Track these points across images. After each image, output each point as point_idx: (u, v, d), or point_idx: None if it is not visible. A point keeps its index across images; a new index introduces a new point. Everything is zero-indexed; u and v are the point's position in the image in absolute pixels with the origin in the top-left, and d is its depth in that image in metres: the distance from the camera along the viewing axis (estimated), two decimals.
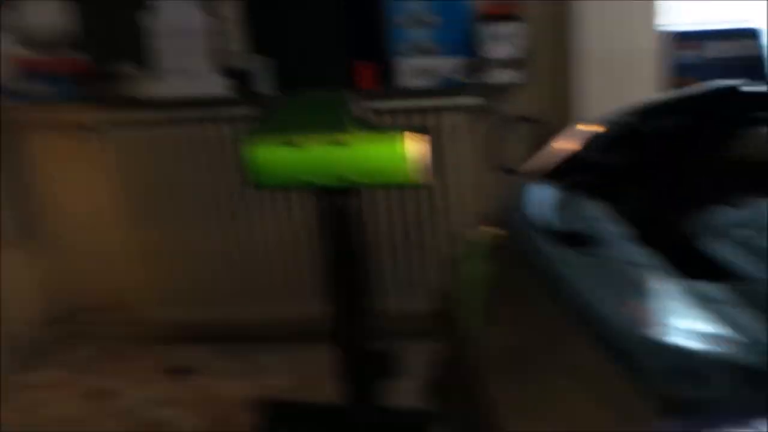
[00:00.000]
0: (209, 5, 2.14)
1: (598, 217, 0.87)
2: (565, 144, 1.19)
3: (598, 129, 1.15)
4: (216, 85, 2.16)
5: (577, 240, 0.82)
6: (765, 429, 0.53)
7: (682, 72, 2.20)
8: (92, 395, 2.21)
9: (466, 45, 2.12)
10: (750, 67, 2.27)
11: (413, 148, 1.38)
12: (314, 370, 2.21)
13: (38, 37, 2.24)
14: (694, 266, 0.69)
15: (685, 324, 0.66)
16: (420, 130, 1.43)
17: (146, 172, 2.32)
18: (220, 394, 2.16)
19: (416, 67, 2.13)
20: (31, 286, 2.54)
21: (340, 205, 1.48)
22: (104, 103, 2.26)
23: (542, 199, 1.01)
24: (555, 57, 2.15)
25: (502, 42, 2.10)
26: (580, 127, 1.25)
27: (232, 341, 2.48)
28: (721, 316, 0.63)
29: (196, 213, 2.34)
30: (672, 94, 1.59)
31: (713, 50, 2.34)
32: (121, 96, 2.22)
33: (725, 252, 0.70)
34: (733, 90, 1.07)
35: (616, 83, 2.01)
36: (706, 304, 0.65)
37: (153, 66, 2.16)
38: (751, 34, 2.34)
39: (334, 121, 1.36)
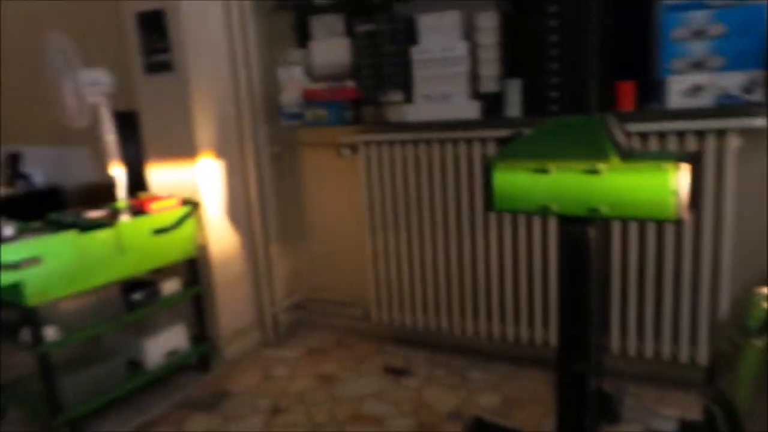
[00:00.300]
0: (469, 33, 2.22)
1: None
2: None
3: None
4: (469, 109, 2.21)
5: None
6: None
7: None
8: (321, 378, 2.47)
9: (757, 57, 1.77)
10: None
11: (680, 179, 1.17)
12: (521, 394, 2.18)
13: (322, 71, 2.60)
14: None
15: None
16: (689, 157, 1.20)
17: (392, 187, 2.51)
18: (429, 400, 2.25)
19: (689, 85, 1.85)
20: (286, 276, 2.98)
21: (584, 234, 1.35)
22: (364, 125, 2.51)
23: None
24: None
25: None
26: None
27: (447, 352, 2.62)
28: None
29: (433, 228, 2.47)
30: None
31: None
32: (381, 120, 2.44)
33: None
34: None
35: None
36: None
37: (413, 93, 2.31)
38: None
39: (590, 148, 1.23)
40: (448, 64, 2.26)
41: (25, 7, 3.56)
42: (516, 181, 1.39)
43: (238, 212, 2.73)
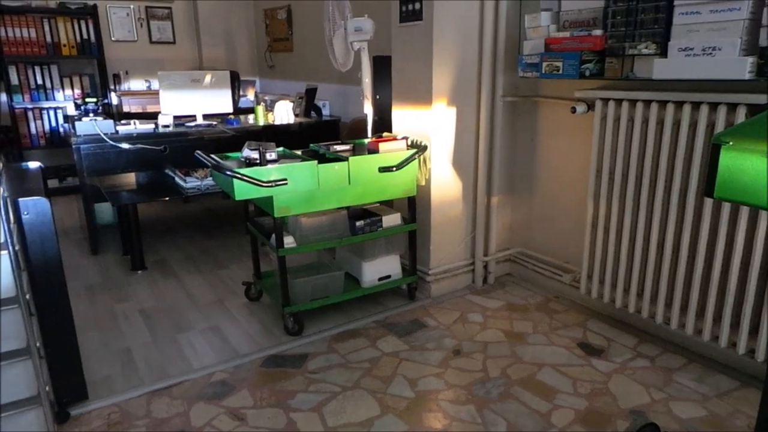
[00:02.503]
0: None
1: None
2: None
3: None
4: (738, 67, 1.79)
5: None
6: None
7: None
8: (511, 334, 2.48)
9: None
10: None
11: None
12: (732, 418, 1.88)
13: (570, 17, 2.40)
14: None
15: None
16: None
17: (626, 151, 2.27)
18: (615, 390, 2.07)
19: None
20: (502, 228, 2.98)
21: None
22: (604, 80, 2.27)
23: None
24: None
25: None
26: None
27: (656, 344, 2.35)
28: None
29: (666, 204, 2.16)
30: None
31: None
32: (625, 75, 2.17)
33: None
34: None
35: None
36: None
37: (669, 44, 1.98)
38: None
39: None
40: (722, 9, 1.82)
41: None
42: (749, 166, 1.12)
43: (464, 159, 2.81)
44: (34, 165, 2.24)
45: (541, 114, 2.77)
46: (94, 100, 3.37)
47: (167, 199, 3.49)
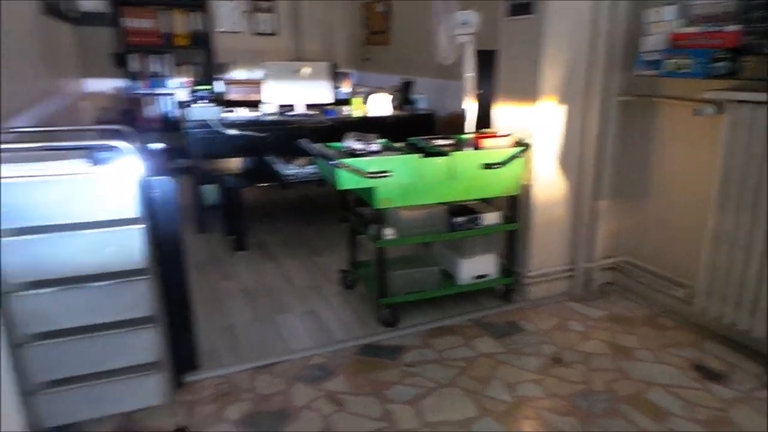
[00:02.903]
0: None
1: None
2: None
3: None
4: None
5: None
6: None
7: None
8: (615, 347, 2.35)
9: None
10: None
11: None
12: None
13: (699, 10, 2.23)
14: None
15: None
16: None
17: (761, 160, 2.06)
18: (738, 419, 1.90)
19: None
20: (608, 234, 2.83)
21: None
22: (738, 81, 2.08)
23: None
24: None
25: None
26: None
27: None
28: None
29: None
30: None
31: None
32: (764, 75, 1.98)
33: None
34: None
35: None
36: None
37: None
38: None
39: None
40: None
41: None
42: None
43: (570, 160, 2.69)
44: (158, 146, 2.39)
45: (659, 115, 2.59)
46: (207, 88, 3.55)
47: (268, 184, 3.62)
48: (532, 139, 2.60)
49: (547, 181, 2.68)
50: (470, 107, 2.85)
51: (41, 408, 1.63)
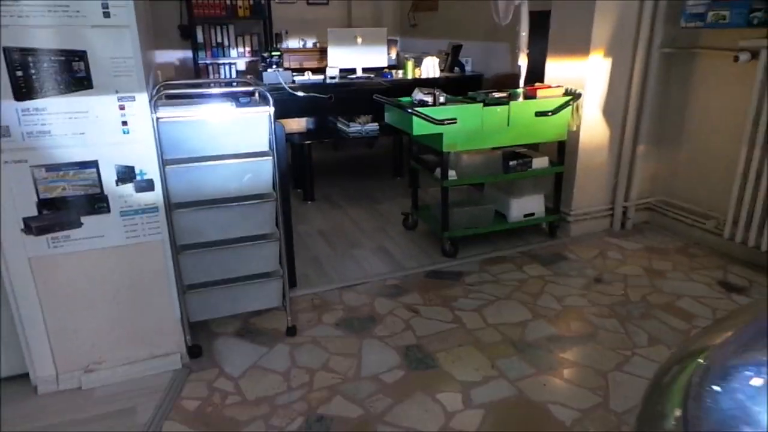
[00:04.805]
0: None
1: None
2: None
3: None
4: None
5: None
6: None
7: None
8: (650, 270, 2.70)
9: None
10: None
11: None
12: None
13: None
14: None
15: None
16: None
17: None
18: None
19: None
20: (645, 176, 3.15)
21: None
22: None
23: None
24: None
25: None
26: None
27: None
28: None
29: None
30: None
31: None
32: None
33: None
34: None
35: None
36: None
37: None
38: None
39: None
40: None
41: None
42: None
43: (614, 108, 3.00)
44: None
45: (698, 65, 2.86)
46: (278, 53, 3.94)
47: (329, 140, 4.01)
48: (584, 90, 2.91)
49: (592, 128, 2.99)
50: (523, 63, 3.16)
51: (190, 305, 2.09)
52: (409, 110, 2.59)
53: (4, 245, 1.67)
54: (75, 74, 1.59)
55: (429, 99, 2.70)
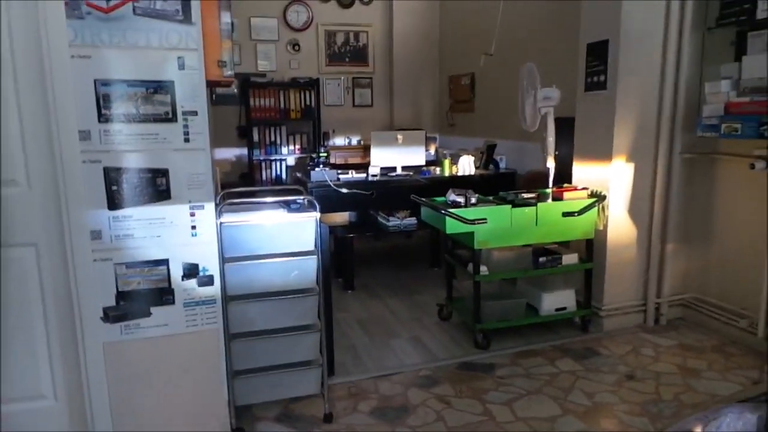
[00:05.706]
0: None
1: None
2: None
3: None
4: None
5: None
6: None
7: None
8: (684, 369, 2.72)
9: None
10: None
11: None
12: None
13: (749, 84, 2.71)
14: None
15: None
16: None
17: None
18: None
19: None
20: (676, 274, 3.23)
21: None
22: None
23: None
24: None
25: None
26: None
27: None
28: None
29: None
30: None
31: None
32: None
33: None
34: None
35: None
36: None
37: None
38: None
39: None
40: None
41: (508, 41, 4.77)
42: None
43: (639, 209, 3.15)
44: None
45: (718, 169, 3.02)
46: (325, 154, 4.33)
47: (371, 234, 4.26)
48: (606, 192, 3.09)
49: (619, 227, 3.14)
50: (551, 166, 3.39)
51: (237, 389, 2.27)
52: (443, 211, 2.83)
53: (85, 332, 1.93)
54: (158, 188, 1.91)
55: (461, 200, 2.94)
